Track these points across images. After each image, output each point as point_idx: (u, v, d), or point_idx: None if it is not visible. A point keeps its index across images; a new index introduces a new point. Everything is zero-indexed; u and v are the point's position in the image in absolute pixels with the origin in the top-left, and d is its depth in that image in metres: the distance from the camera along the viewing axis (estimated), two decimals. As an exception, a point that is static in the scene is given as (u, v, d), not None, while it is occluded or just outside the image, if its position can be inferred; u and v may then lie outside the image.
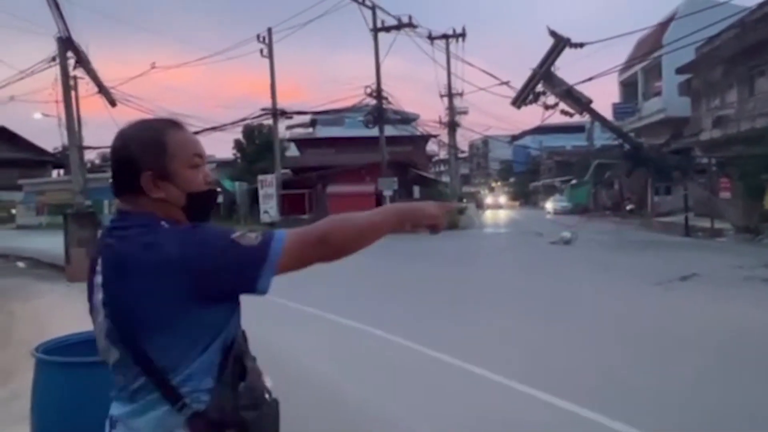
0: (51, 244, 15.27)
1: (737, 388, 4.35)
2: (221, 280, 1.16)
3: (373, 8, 25.08)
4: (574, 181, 43.73)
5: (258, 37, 27.42)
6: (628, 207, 31.01)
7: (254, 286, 1.17)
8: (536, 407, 4.01)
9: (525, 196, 65.42)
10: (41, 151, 46.54)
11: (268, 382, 1.37)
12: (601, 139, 37.26)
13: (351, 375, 4.99)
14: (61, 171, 46.94)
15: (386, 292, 9.54)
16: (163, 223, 1.21)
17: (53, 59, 13.67)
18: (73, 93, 15.50)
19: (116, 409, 1.25)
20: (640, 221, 26.02)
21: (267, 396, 1.30)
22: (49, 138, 49.01)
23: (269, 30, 27.56)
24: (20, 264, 14.48)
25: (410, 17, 25.19)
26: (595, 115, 19.42)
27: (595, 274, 10.97)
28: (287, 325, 7.09)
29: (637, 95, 33.28)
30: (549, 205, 43.59)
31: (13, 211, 43.52)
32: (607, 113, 31.16)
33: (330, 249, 1.23)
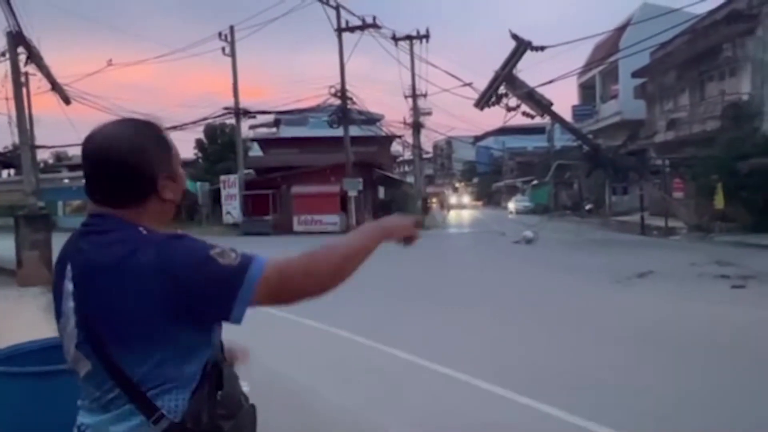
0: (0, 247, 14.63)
1: (694, 380, 4.52)
2: (194, 301, 1.10)
3: (337, 8, 25.05)
4: (535, 182, 44.68)
5: (220, 35, 26.99)
6: (587, 207, 31.89)
7: (228, 314, 1.11)
8: (498, 404, 4.07)
9: (488, 196, 66.47)
10: (-11, 151, 44.53)
11: (245, 387, 1.35)
12: (562, 140, 38.16)
13: (310, 375, 4.95)
14: (12, 171, 45.05)
15: (348, 293, 9.50)
16: (141, 229, 1.16)
17: (2, 54, 13.12)
18: (24, 90, 14.87)
19: (87, 418, 1.20)
20: (598, 221, 26.78)
21: (244, 402, 1.28)
22: (8, 136, 47.09)
23: (231, 28, 27.16)
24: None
25: (374, 18, 25.29)
26: (556, 117, 19.88)
27: (556, 272, 11.21)
28: (253, 327, 6.99)
29: (596, 98, 34.23)
30: (511, 205, 44.42)
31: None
32: (567, 115, 31.98)
33: (315, 281, 1.19)
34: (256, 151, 39.65)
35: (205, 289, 1.09)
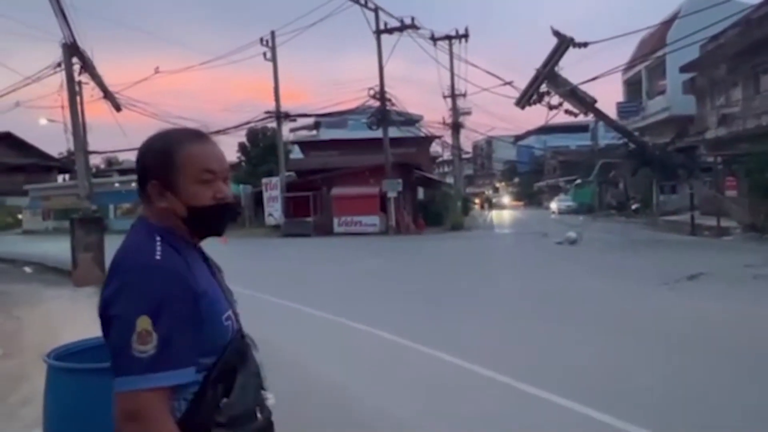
0: (57, 249, 15.34)
1: (746, 387, 4.32)
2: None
3: (375, 10, 25.14)
4: (578, 181, 43.64)
5: (261, 40, 27.48)
6: (634, 206, 30.93)
7: (114, 382, 1.13)
8: (544, 409, 3.99)
9: (529, 196, 65.32)
10: (47, 157, 46.84)
11: (270, 400, 1.34)
12: (606, 138, 37.16)
13: (360, 378, 4.98)
14: (67, 176, 47.20)
15: (391, 294, 9.53)
16: (157, 238, 1.22)
17: (59, 65, 13.75)
18: (78, 98, 15.55)
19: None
20: (645, 220, 25.95)
21: (258, 416, 1.27)
22: (55, 143, 49.33)
23: (272, 33, 27.62)
24: (27, 269, 14.55)
25: (413, 19, 25.25)
26: (600, 115, 19.36)
27: (601, 274, 10.93)
28: (297, 329, 7.11)
29: (642, 94, 33.19)
30: (553, 205, 43.52)
31: (20, 216, 43.74)
32: (612, 112, 31.11)
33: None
34: (297, 153, 40.25)
35: (109, 345, 1.17)
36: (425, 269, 13.00)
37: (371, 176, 25.98)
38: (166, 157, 1.26)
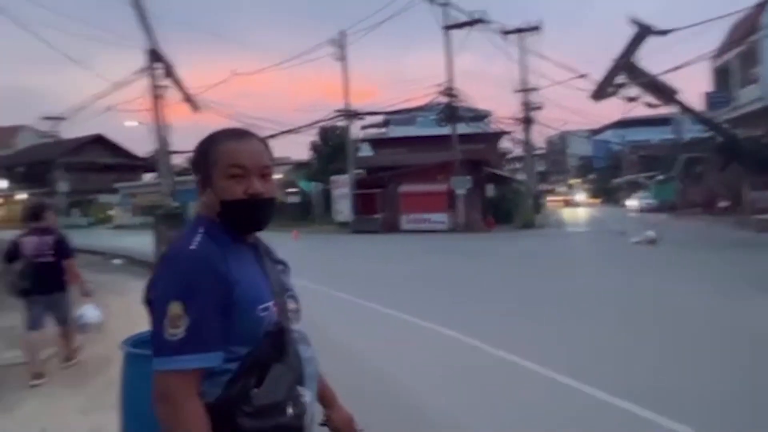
0: (143, 242, 16.35)
1: None
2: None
3: (444, 6, 24.92)
4: (660, 177, 41.25)
5: (331, 40, 27.99)
6: (722, 204, 28.85)
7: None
8: (614, 415, 3.81)
9: (606, 193, 62.53)
10: (135, 157, 50.06)
11: (306, 397, 1.32)
12: (691, 131, 34.86)
13: (413, 375, 4.98)
14: (152, 174, 50.24)
15: (453, 291, 9.44)
16: (201, 230, 1.30)
17: (143, 70, 14.67)
18: (161, 101, 16.49)
19: None
20: (735, 219, 24.14)
21: (288, 410, 1.26)
22: (142, 143, 52.62)
23: (342, 33, 28.07)
24: (116, 261, 15.61)
25: (482, 13, 24.82)
26: (683, 106, 18.21)
27: (681, 277, 10.28)
28: (363, 325, 7.21)
29: (733, 83, 30.85)
30: (632, 202, 41.45)
31: (111, 212, 47.10)
32: (699, 103, 29.17)
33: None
34: (366, 151, 40.70)
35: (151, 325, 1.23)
36: (491, 268, 12.77)
37: (439, 173, 25.82)
38: (203, 155, 1.36)
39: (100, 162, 50.33)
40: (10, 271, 5.08)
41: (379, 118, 42.34)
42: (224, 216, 1.33)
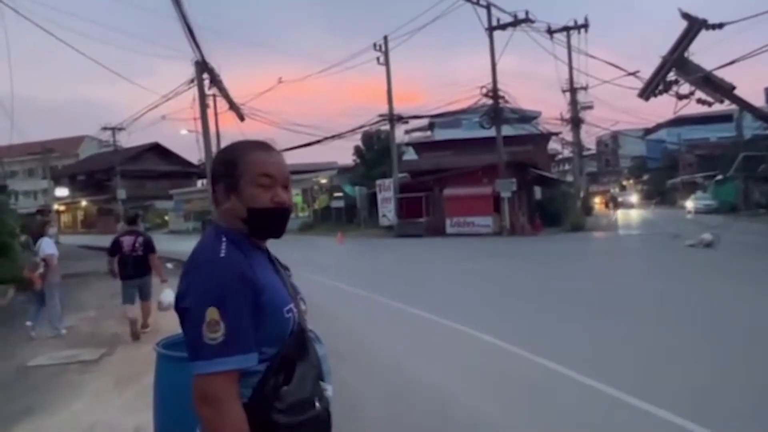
0: (193, 247, 16.87)
1: None
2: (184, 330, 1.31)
3: (488, 7, 24.68)
4: (719, 177, 39.30)
5: (375, 45, 28.20)
6: (788, 205, 27.26)
7: (191, 366, 1.26)
8: (657, 426, 3.67)
9: (661, 194, 60.04)
10: (188, 164, 51.93)
11: (328, 391, 1.42)
12: (754, 128, 33.05)
13: (447, 377, 4.94)
14: (204, 181, 51.93)
15: (495, 296, 9.30)
16: (223, 238, 1.35)
17: (192, 81, 15.23)
18: (210, 110, 17.04)
19: None
20: (802, 220, 22.76)
21: (316, 404, 1.36)
22: (196, 151, 54.46)
23: (385, 38, 28.23)
24: (169, 265, 16.18)
25: (527, 12, 24.43)
26: (740, 102, 17.28)
27: (738, 282, 9.76)
28: (398, 328, 7.22)
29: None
30: (689, 203, 39.62)
31: (166, 217, 48.98)
32: (760, 99, 27.69)
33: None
34: (411, 155, 40.72)
35: (185, 333, 1.29)
36: (534, 273, 12.51)
37: (484, 176, 25.51)
38: (230, 163, 1.41)
39: (156, 169, 52.49)
40: (112, 261, 7.20)
41: (424, 122, 42.33)
42: (251, 222, 1.39)
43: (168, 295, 6.76)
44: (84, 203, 54.00)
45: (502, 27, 24.73)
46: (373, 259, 18.11)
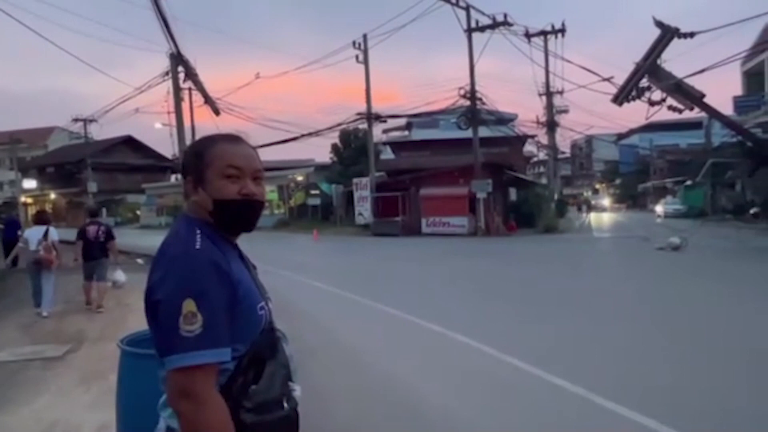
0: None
1: None
2: (151, 328, 1.28)
3: (467, 8, 24.82)
4: (688, 183, 40.29)
5: (354, 43, 28.12)
6: (752, 211, 28.07)
7: (164, 361, 1.22)
8: (624, 426, 3.74)
9: (632, 198, 61.34)
10: (162, 158, 51.05)
11: (297, 391, 1.39)
12: (722, 135, 33.98)
13: (436, 380, 4.96)
14: (178, 176, 51.13)
15: (466, 295, 9.37)
16: (197, 230, 1.32)
17: (166, 74, 14.97)
18: (186, 104, 16.76)
19: (160, 399, 1.36)
20: (766, 226, 23.45)
21: (285, 404, 1.33)
22: (170, 145, 53.52)
23: (364, 36, 28.18)
24: (139, 261, 15.91)
25: (505, 15, 24.64)
26: (709, 110, 17.75)
27: (704, 284, 10.03)
28: (372, 326, 7.21)
29: (764, 86, 30.05)
30: (659, 208, 40.57)
31: (138, 212, 48.08)
32: (728, 107, 28.46)
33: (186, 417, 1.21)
34: (388, 154, 40.75)
35: (155, 330, 1.25)
36: (510, 272, 12.64)
37: (460, 176, 25.67)
38: (198, 155, 1.38)
39: (128, 163, 51.47)
40: (77, 247, 8.57)
41: (402, 121, 42.40)
42: (217, 215, 1.36)
43: (120, 275, 9.21)
44: (53, 196, 52.62)
45: (481, 29, 24.90)
46: (348, 257, 18.07)
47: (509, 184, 28.51)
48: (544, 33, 28.53)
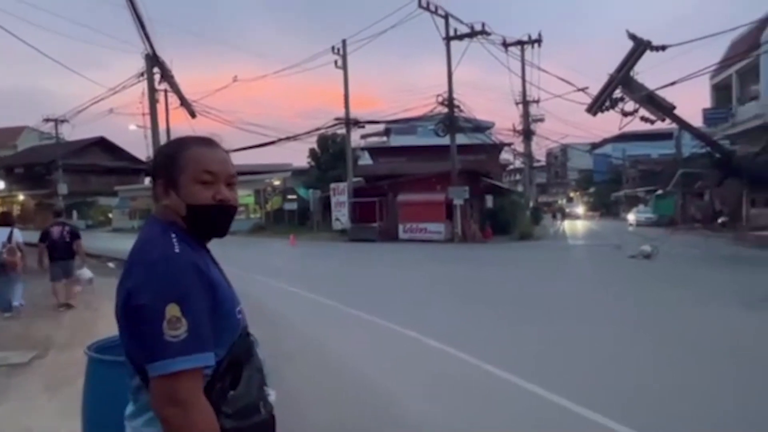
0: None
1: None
2: (127, 335, 1.24)
3: (445, 17, 25.04)
4: (659, 192, 41.23)
5: (333, 48, 28.11)
6: (721, 220, 28.83)
7: (148, 368, 1.19)
8: (589, 428, 3.79)
9: (606, 206, 62.50)
10: (135, 160, 50.19)
11: (272, 396, 1.39)
12: (692, 146, 34.90)
13: (410, 384, 4.96)
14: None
15: (443, 301, 9.41)
16: (172, 234, 1.29)
17: (142, 74, 14.74)
18: (162, 105, 16.54)
19: (127, 409, 1.33)
20: (733, 235, 24.11)
21: (261, 409, 1.33)
22: (145, 147, 52.65)
23: (344, 42, 28.18)
24: (110, 264, 15.60)
25: (483, 24, 24.93)
26: (679, 122, 18.24)
27: (674, 291, 10.25)
28: (347, 331, 7.19)
29: (732, 100, 30.93)
30: (631, 216, 41.40)
31: (110, 214, 47.12)
32: (698, 119, 29.20)
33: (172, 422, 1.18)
34: (366, 159, 40.76)
35: (136, 336, 1.21)
36: (485, 278, 12.73)
37: (438, 183, 25.82)
38: (170, 158, 1.35)
39: (101, 165, 50.47)
40: (42, 249, 8.52)
41: (380, 127, 42.48)
42: (190, 220, 1.33)
43: (86, 272, 9.27)
44: (21, 197, 51.26)
45: (459, 38, 25.14)
46: (325, 262, 17.99)
47: (486, 191, 28.77)
48: (521, 43, 28.94)
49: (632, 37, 16.20)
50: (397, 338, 6.64)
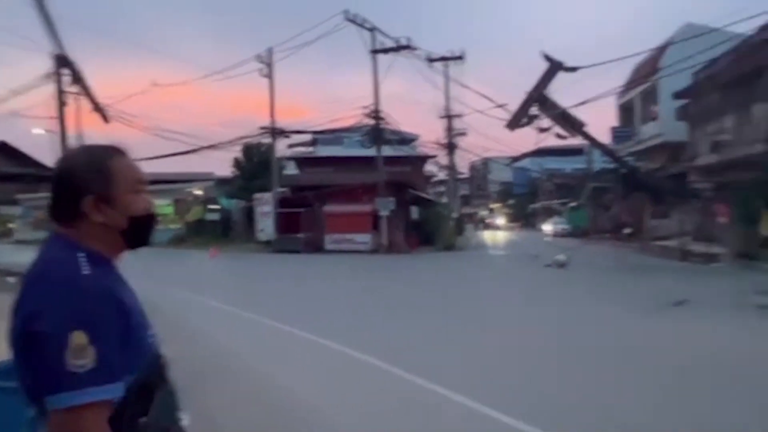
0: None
1: (725, 412, 4.22)
2: (23, 364, 1.13)
3: (372, 30, 25.34)
4: (573, 204, 43.70)
5: (258, 57, 27.65)
6: (627, 231, 30.91)
7: (47, 400, 1.08)
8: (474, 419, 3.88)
9: (524, 217, 65.42)
10: (41, 166, 46.67)
11: (185, 420, 1.33)
12: (601, 162, 37.33)
13: (333, 400, 4.87)
14: (61, 187, 46.98)
15: (366, 311, 9.41)
16: (80, 254, 1.18)
17: (48, 76, 13.78)
18: (72, 109, 15.55)
19: None
20: (638, 245, 25.90)
21: None
22: (53, 153, 49.12)
23: (270, 50, 27.82)
24: (10, 279, 14.34)
25: (408, 39, 25.44)
26: (589, 138, 19.46)
27: (584, 298, 10.85)
28: (269, 345, 7.00)
29: (635, 119, 33.41)
30: (548, 227, 43.55)
31: (12, 225, 43.51)
32: (607, 137, 31.24)
33: None
34: (292, 169, 40.27)
35: (33, 366, 1.10)
36: (408, 288, 12.88)
37: (364, 194, 25.93)
38: (100, 171, 1.24)
39: (1, 171, 46.55)
40: None
41: (307, 137, 42.13)
42: (131, 232, 1.26)
43: None
44: None
45: (385, 51, 25.51)
46: (246, 275, 17.51)
47: (411, 203, 29.21)
48: (444, 59, 29.72)
49: (547, 57, 17.13)
50: (321, 352, 6.54)
